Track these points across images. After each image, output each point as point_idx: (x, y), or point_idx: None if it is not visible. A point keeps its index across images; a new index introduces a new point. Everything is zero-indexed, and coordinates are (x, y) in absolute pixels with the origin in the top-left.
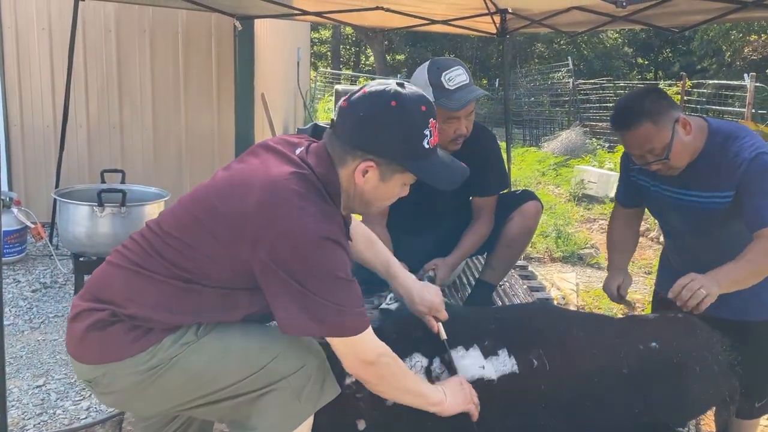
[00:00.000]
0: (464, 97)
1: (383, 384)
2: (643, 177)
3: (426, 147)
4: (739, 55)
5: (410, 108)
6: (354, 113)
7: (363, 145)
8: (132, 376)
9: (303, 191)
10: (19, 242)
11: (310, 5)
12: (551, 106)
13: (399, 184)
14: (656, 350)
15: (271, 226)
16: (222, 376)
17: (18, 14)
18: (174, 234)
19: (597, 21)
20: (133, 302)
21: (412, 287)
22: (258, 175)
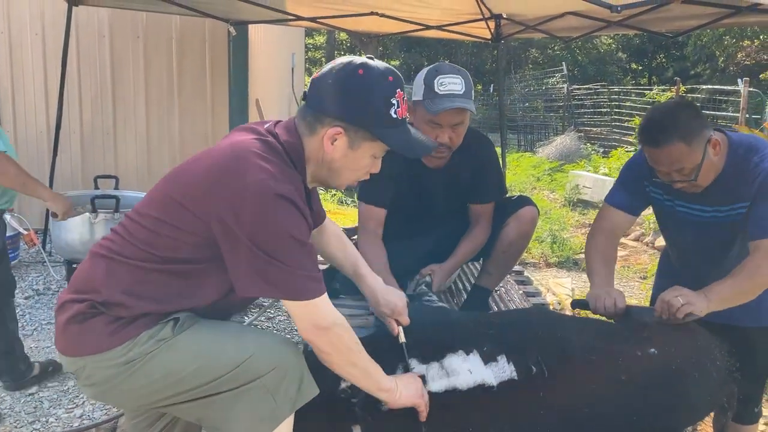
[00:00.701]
0: (444, 104)
1: (335, 354)
2: (657, 190)
3: (393, 116)
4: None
5: (377, 76)
6: (323, 82)
7: (331, 111)
8: (109, 369)
9: (262, 153)
10: (12, 249)
11: (305, 11)
12: (546, 112)
13: (368, 154)
14: (655, 356)
15: (229, 183)
16: (196, 374)
17: (11, 20)
18: (145, 212)
19: (591, 26)
20: (106, 288)
21: (376, 289)
22: (222, 143)
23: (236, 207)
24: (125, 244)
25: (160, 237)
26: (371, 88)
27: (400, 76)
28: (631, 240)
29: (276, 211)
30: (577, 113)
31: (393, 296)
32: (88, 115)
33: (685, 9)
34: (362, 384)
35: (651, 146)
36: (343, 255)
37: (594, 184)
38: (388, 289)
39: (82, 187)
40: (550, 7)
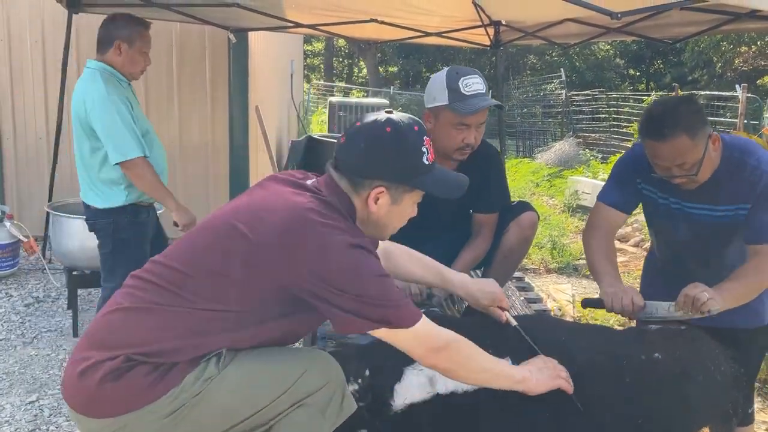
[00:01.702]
0: (478, 104)
1: (461, 369)
2: (650, 187)
3: (426, 163)
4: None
5: (405, 130)
6: (355, 146)
7: (370, 173)
8: (154, 422)
9: (324, 212)
10: (11, 256)
11: (304, 18)
12: (544, 117)
13: (410, 204)
14: (659, 361)
15: (305, 248)
16: (250, 402)
17: (11, 26)
18: (197, 265)
19: (590, 33)
20: (154, 339)
21: (468, 285)
22: (279, 202)
23: (321, 268)
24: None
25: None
26: (403, 144)
27: (422, 124)
28: (631, 246)
29: (359, 260)
30: (575, 119)
31: (487, 285)
32: None
33: (684, 16)
34: (496, 384)
35: (655, 139)
36: (423, 268)
37: (593, 190)
38: (479, 280)
39: None
40: (550, 14)
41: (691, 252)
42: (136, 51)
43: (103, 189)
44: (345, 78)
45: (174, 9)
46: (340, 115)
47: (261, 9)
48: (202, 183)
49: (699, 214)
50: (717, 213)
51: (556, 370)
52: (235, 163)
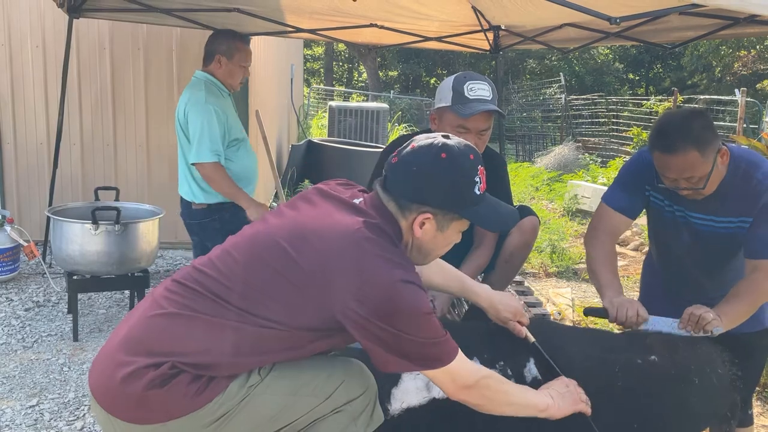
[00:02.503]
0: (477, 107)
1: (489, 403)
2: (658, 195)
3: (477, 193)
4: (729, 71)
5: (459, 158)
6: (407, 168)
7: (419, 199)
8: (200, 429)
9: (376, 238)
10: (12, 260)
11: (305, 23)
12: (543, 122)
13: (456, 232)
14: (656, 364)
15: (353, 274)
16: (291, 410)
17: (11, 31)
18: (241, 278)
19: (590, 37)
20: (196, 350)
21: (492, 297)
22: (329, 223)
23: (367, 299)
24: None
25: (264, 307)
26: (456, 173)
27: (478, 151)
28: (630, 250)
29: (407, 298)
30: (575, 123)
31: (510, 299)
32: (89, 126)
33: (684, 20)
34: (522, 414)
35: (665, 152)
36: (444, 279)
37: (593, 194)
38: (502, 294)
39: (83, 198)
40: (549, 19)
41: (691, 261)
42: (235, 64)
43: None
44: (345, 82)
45: (175, 14)
46: (340, 120)
47: (261, 14)
48: None
49: (702, 224)
50: (719, 224)
51: (578, 394)
52: None
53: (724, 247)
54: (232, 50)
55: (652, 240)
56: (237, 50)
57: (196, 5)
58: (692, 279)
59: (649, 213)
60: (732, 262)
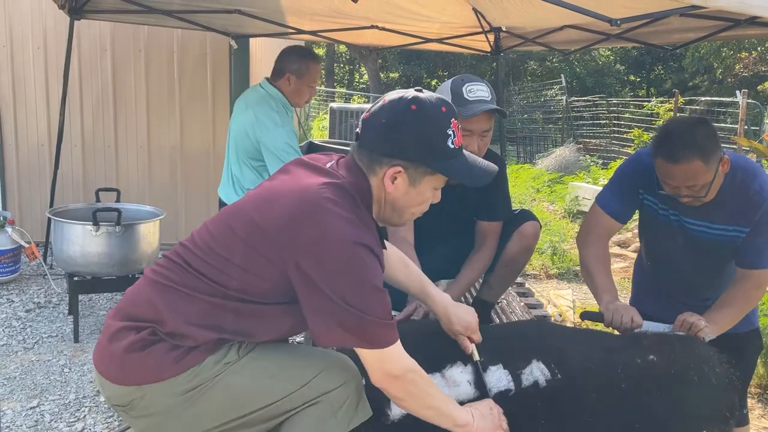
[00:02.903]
0: (477, 107)
1: (409, 399)
2: (651, 198)
3: (451, 147)
4: (731, 72)
5: (431, 110)
6: (377, 122)
7: (389, 152)
8: (171, 397)
9: (337, 199)
10: (13, 262)
11: (306, 24)
12: (544, 123)
13: (430, 188)
14: (654, 363)
15: (306, 232)
16: (265, 393)
17: (13, 33)
18: (213, 249)
19: (590, 39)
20: (170, 318)
21: (449, 307)
22: (291, 186)
23: (317, 256)
24: (188, 276)
25: (229, 277)
26: (427, 124)
27: (452, 105)
28: (631, 251)
29: (356, 261)
30: (576, 125)
31: (466, 313)
32: (90, 128)
33: (684, 22)
34: (437, 422)
35: (669, 161)
36: (407, 277)
37: (593, 196)
38: (459, 305)
39: (84, 199)
40: (550, 20)
41: (684, 264)
42: (304, 83)
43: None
44: (346, 84)
45: (175, 16)
46: (342, 121)
47: (262, 15)
48: (203, 188)
49: (695, 230)
50: (713, 231)
51: (500, 420)
52: None
53: (717, 253)
54: (303, 70)
55: (644, 241)
56: (307, 71)
57: (197, 7)
58: (683, 281)
59: (642, 215)
60: (724, 267)
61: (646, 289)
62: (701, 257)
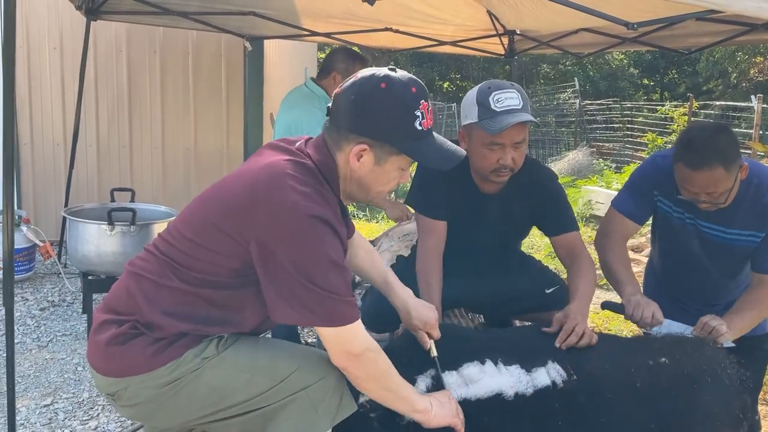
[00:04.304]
0: (506, 120)
1: (368, 380)
2: (666, 201)
3: (419, 128)
4: (745, 77)
5: (400, 89)
6: (346, 98)
7: (355, 128)
8: (153, 389)
9: (297, 174)
10: (27, 260)
11: (320, 26)
12: (557, 127)
13: (395, 168)
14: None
15: (264, 206)
16: (243, 388)
17: (30, 34)
18: (183, 235)
19: (605, 42)
20: (147, 310)
21: (408, 301)
22: (255, 165)
23: (273, 230)
24: (161, 265)
25: (198, 261)
26: (394, 103)
27: (423, 86)
28: (644, 256)
29: (313, 233)
30: (589, 128)
31: (425, 309)
32: (105, 128)
33: (700, 26)
34: (396, 406)
35: (690, 168)
36: (371, 267)
37: (607, 200)
38: (420, 301)
39: (98, 199)
40: (565, 24)
41: (696, 269)
42: None
43: None
44: None
45: (191, 17)
46: None
47: (277, 17)
48: None
49: (711, 234)
50: (727, 235)
51: (457, 410)
52: None
53: (732, 258)
54: (349, 70)
55: (657, 244)
56: (354, 71)
57: (212, 8)
58: (695, 286)
59: (657, 218)
60: (737, 273)
61: (657, 293)
62: (715, 261)
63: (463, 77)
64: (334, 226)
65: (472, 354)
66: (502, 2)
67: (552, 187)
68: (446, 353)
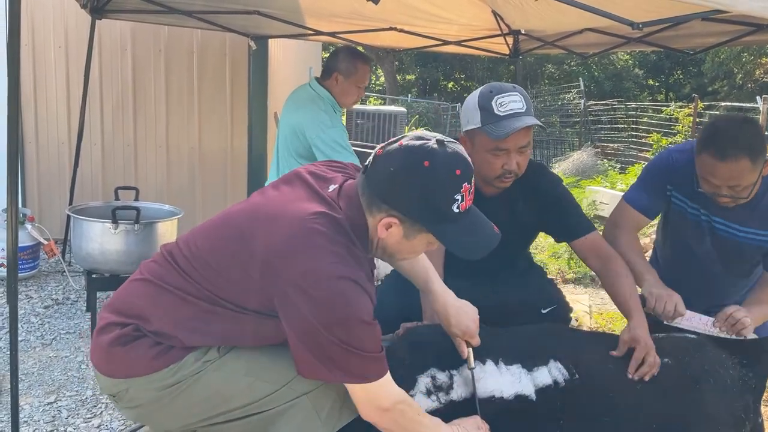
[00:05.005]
0: (511, 125)
1: (399, 430)
2: (680, 196)
3: (455, 211)
4: (751, 78)
5: (443, 171)
6: (386, 166)
7: (390, 200)
8: (154, 391)
9: (328, 232)
10: (32, 258)
11: (324, 26)
12: (562, 127)
13: (423, 243)
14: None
15: (294, 264)
16: (244, 392)
17: (35, 32)
18: (204, 256)
19: (611, 42)
20: (157, 318)
21: (450, 306)
22: (287, 209)
23: (304, 290)
24: (176, 276)
25: (220, 289)
26: (434, 185)
27: (470, 165)
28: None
29: (344, 295)
30: (593, 129)
31: (465, 317)
32: (110, 126)
33: (706, 26)
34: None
35: (717, 158)
36: (411, 267)
37: (611, 201)
38: (461, 307)
39: (103, 197)
40: (570, 24)
41: (705, 267)
42: (351, 83)
43: None
44: None
45: (195, 16)
46: (358, 122)
47: (281, 17)
48: (220, 188)
49: (723, 231)
50: (741, 234)
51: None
52: (254, 169)
53: (743, 257)
54: (351, 70)
55: (668, 240)
56: (355, 71)
57: (217, 7)
58: (703, 284)
59: (669, 214)
60: (748, 272)
61: None
62: (727, 260)
63: (468, 77)
64: (363, 286)
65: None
66: (507, 2)
67: (556, 190)
68: (447, 353)
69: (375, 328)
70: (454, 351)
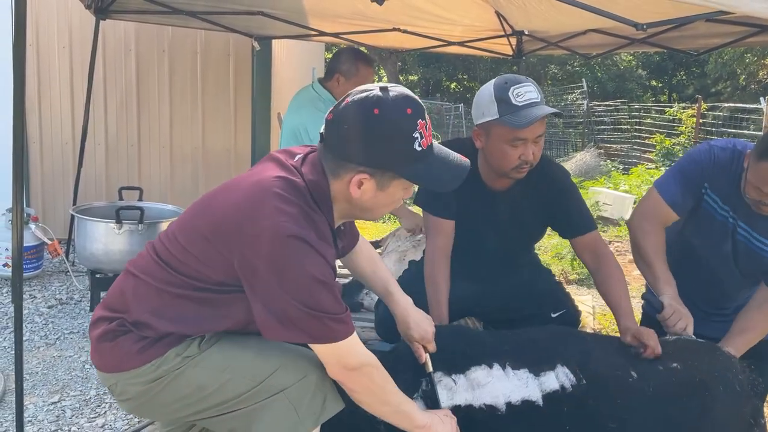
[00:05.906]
0: (533, 114)
1: (366, 394)
2: (714, 196)
3: (418, 149)
4: (754, 79)
5: (394, 113)
6: (340, 125)
7: (353, 157)
8: (139, 386)
9: (284, 194)
10: (36, 258)
11: (328, 26)
12: (565, 128)
13: (399, 189)
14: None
15: (248, 224)
16: (222, 389)
17: (39, 32)
18: (177, 240)
19: (614, 43)
20: (136, 309)
21: (409, 312)
22: (248, 179)
23: (257, 250)
24: (154, 266)
25: (188, 267)
26: (391, 129)
27: (419, 103)
28: None
29: (295, 253)
30: (596, 130)
31: (423, 323)
32: (113, 126)
33: (710, 27)
34: (395, 421)
35: None
36: (373, 273)
37: (614, 201)
38: (420, 313)
39: (106, 197)
40: (574, 24)
41: (719, 271)
42: (352, 85)
43: None
44: None
45: (199, 17)
46: None
47: (285, 17)
48: None
49: (744, 238)
50: (759, 244)
51: (456, 429)
52: None
53: (758, 267)
54: (352, 72)
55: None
56: (357, 72)
57: (221, 8)
58: (712, 288)
59: (697, 212)
60: (756, 283)
61: None
62: (742, 267)
63: (471, 78)
64: (315, 246)
65: (479, 357)
66: (511, 3)
67: (564, 182)
68: (453, 356)
69: (330, 288)
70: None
